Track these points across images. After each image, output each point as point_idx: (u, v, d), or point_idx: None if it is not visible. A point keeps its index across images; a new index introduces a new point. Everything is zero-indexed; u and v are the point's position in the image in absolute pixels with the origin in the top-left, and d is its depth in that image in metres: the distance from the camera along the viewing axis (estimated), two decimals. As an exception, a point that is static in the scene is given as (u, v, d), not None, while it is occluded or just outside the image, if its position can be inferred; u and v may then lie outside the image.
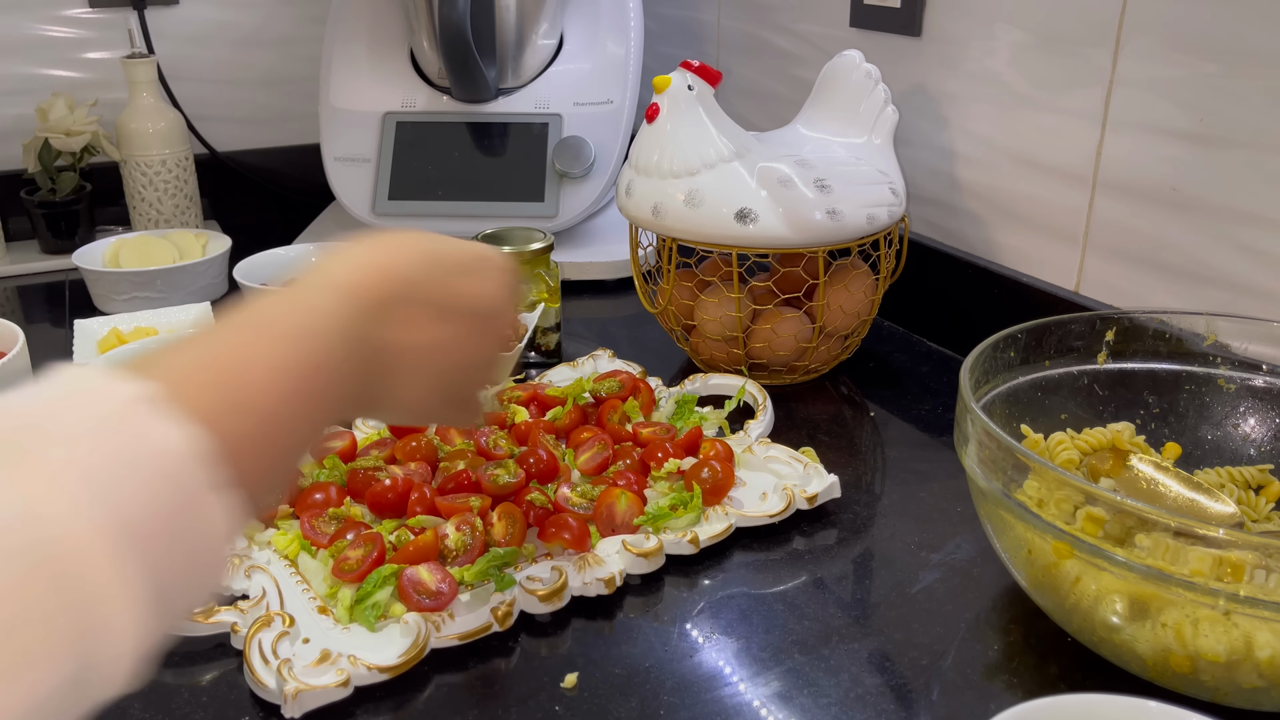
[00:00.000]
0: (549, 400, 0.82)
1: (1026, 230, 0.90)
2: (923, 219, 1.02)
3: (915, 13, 0.97)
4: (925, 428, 0.85)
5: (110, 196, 1.28)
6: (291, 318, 0.40)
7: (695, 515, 0.69)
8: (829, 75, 0.91)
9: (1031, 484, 0.56)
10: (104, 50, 1.32)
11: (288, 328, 0.40)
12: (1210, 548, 0.48)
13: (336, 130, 1.17)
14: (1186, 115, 0.75)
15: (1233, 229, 0.74)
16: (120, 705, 0.55)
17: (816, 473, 0.74)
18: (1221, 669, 0.51)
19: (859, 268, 0.91)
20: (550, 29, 1.20)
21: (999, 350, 0.66)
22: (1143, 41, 0.77)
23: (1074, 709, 0.45)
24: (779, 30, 1.18)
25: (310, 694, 0.53)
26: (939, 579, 0.65)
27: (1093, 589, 0.53)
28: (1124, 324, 0.69)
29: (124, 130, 1.21)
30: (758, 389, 0.86)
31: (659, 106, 0.85)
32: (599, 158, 1.14)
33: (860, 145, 0.90)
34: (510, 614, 0.61)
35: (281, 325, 0.40)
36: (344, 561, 0.62)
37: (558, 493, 0.70)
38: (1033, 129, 0.87)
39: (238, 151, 1.42)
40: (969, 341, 0.67)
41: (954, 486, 0.75)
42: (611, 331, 1.05)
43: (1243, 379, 0.68)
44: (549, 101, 1.18)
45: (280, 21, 1.41)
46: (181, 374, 0.34)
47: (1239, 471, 0.66)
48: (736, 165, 0.83)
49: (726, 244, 0.84)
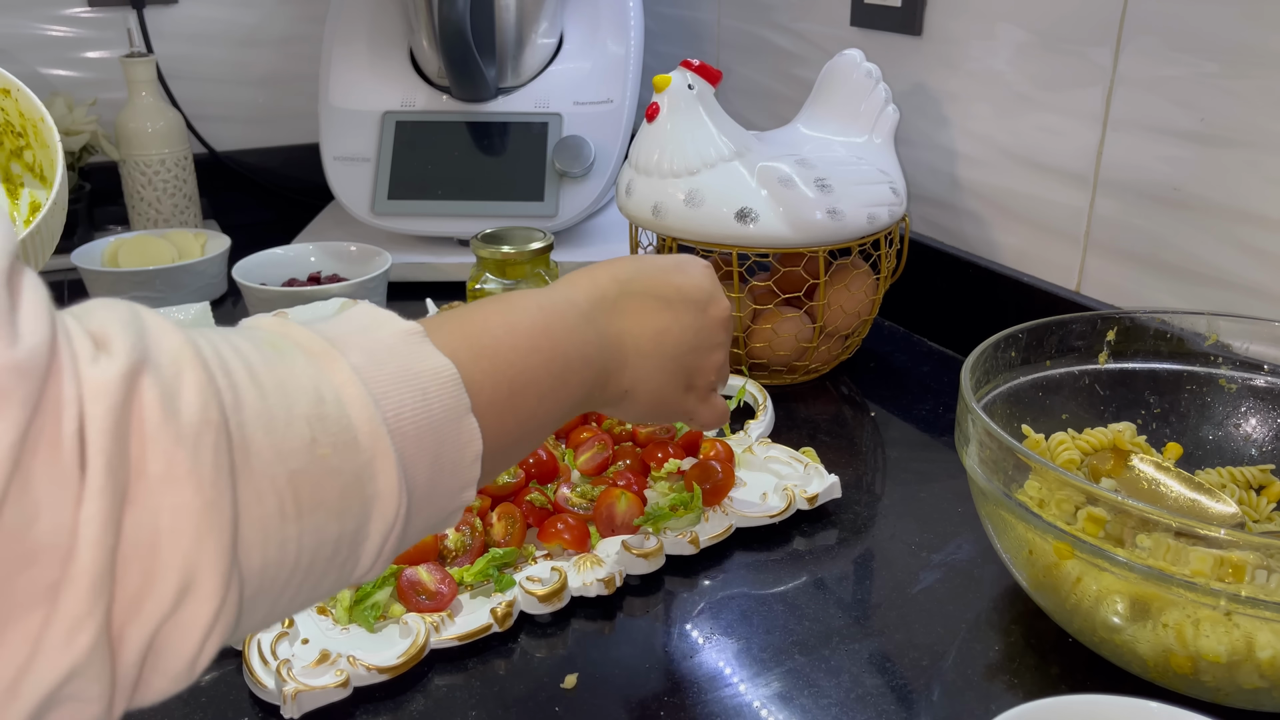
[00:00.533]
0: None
1: (1027, 230, 0.90)
2: (923, 219, 1.02)
3: (916, 12, 0.96)
4: (926, 428, 0.85)
5: (109, 196, 1.28)
6: (534, 297, 0.47)
7: (695, 515, 0.68)
8: (829, 74, 0.91)
9: (1032, 484, 0.56)
10: (103, 50, 1.32)
11: (531, 300, 0.47)
12: (1211, 548, 0.48)
13: (336, 130, 1.17)
14: (1187, 115, 0.75)
15: (1233, 229, 0.74)
16: (119, 706, 0.55)
17: (817, 473, 0.73)
18: (1222, 669, 0.51)
19: (859, 267, 0.91)
20: (550, 28, 1.20)
21: (1000, 350, 0.66)
22: (1143, 41, 0.77)
23: (1076, 710, 0.45)
24: (779, 29, 1.18)
25: (309, 694, 0.53)
26: (940, 579, 0.65)
27: (1094, 589, 0.53)
28: (1125, 324, 0.69)
29: (123, 130, 1.21)
30: (758, 389, 0.86)
31: (659, 106, 0.85)
32: (599, 157, 1.14)
33: (861, 145, 0.90)
34: (510, 614, 0.61)
35: (525, 299, 0.47)
36: (343, 562, 0.62)
37: (557, 493, 0.70)
38: (1033, 129, 0.87)
39: (237, 151, 1.42)
40: (969, 341, 0.67)
41: (954, 486, 0.75)
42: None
43: (1244, 379, 0.68)
44: (549, 101, 1.17)
45: (280, 21, 1.41)
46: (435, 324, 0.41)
47: (1240, 472, 0.66)
48: (737, 165, 0.83)
49: (727, 244, 0.84)
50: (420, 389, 0.37)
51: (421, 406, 0.37)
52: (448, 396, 0.38)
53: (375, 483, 0.35)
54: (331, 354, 0.35)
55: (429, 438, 0.37)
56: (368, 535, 0.35)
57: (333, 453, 0.33)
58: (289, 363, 0.34)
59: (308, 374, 0.34)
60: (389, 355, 0.37)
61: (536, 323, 0.45)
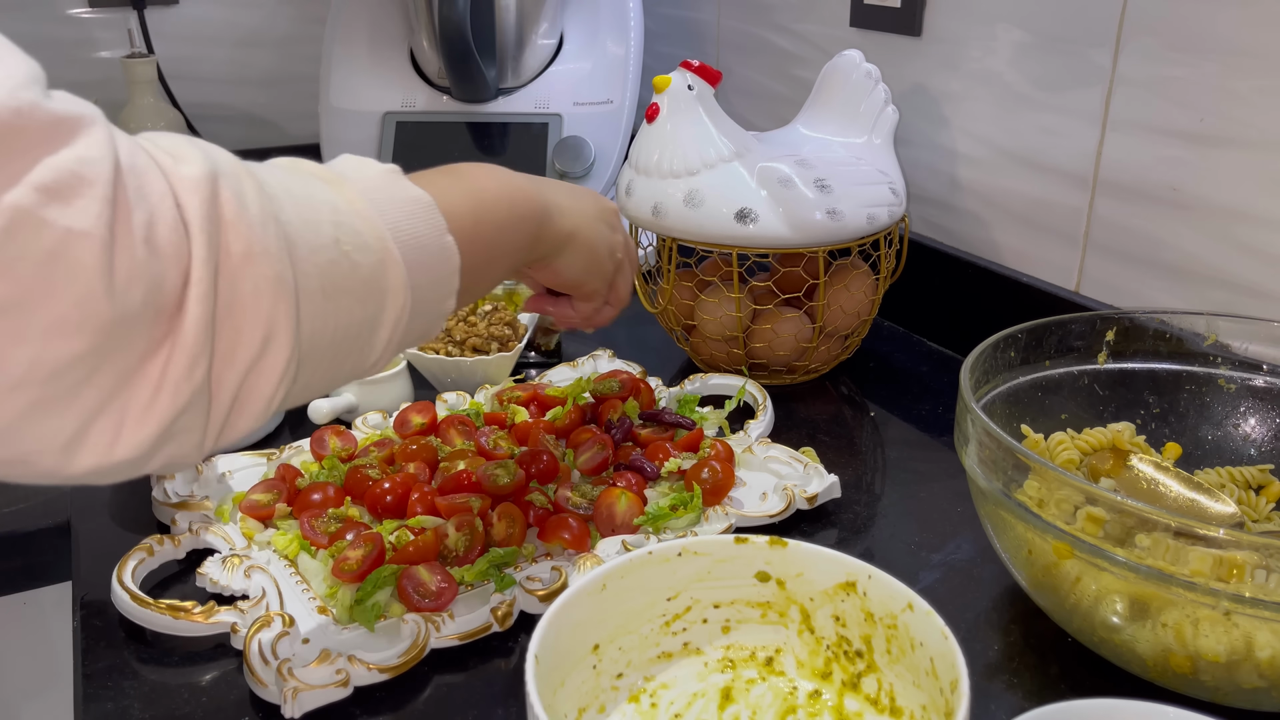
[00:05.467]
0: (549, 400, 0.82)
1: (1026, 230, 0.90)
2: (923, 219, 1.02)
3: (915, 12, 0.97)
4: (925, 428, 0.85)
5: (110, 196, 1.28)
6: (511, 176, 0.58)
7: (695, 515, 0.68)
8: (829, 75, 0.91)
9: (1032, 484, 0.56)
10: (104, 50, 1.32)
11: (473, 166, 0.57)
12: (1211, 548, 0.48)
13: (336, 130, 1.17)
14: (1186, 115, 0.75)
15: (1233, 229, 0.74)
16: (120, 705, 0.55)
17: (816, 473, 0.74)
18: (1222, 669, 0.51)
19: (859, 268, 0.91)
20: (550, 29, 1.20)
21: (999, 350, 0.66)
22: (1143, 41, 0.77)
23: (1087, 714, 0.45)
24: (779, 30, 1.18)
25: (310, 694, 0.53)
26: (939, 579, 0.65)
27: (1093, 589, 0.53)
28: (1124, 324, 0.69)
29: (124, 130, 1.21)
30: (758, 389, 0.86)
31: (659, 106, 0.85)
32: (599, 158, 1.14)
33: (860, 145, 0.90)
34: (510, 614, 0.61)
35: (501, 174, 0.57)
36: (344, 562, 0.62)
37: (558, 493, 0.70)
38: (1033, 129, 0.87)
39: (237, 151, 1.41)
40: (969, 341, 0.67)
41: (954, 486, 0.75)
42: (611, 331, 1.05)
43: (1243, 379, 0.68)
44: (549, 101, 1.18)
45: (280, 21, 1.41)
46: (408, 174, 0.49)
47: (1239, 471, 0.66)
48: (736, 165, 0.83)
49: (726, 244, 0.84)
50: (409, 211, 0.46)
51: (411, 224, 0.45)
52: (430, 217, 0.47)
53: (386, 277, 0.43)
54: (340, 179, 0.44)
55: (419, 249, 0.45)
56: (381, 323, 0.44)
57: (353, 250, 0.42)
58: (307, 184, 0.42)
59: (324, 192, 0.43)
60: (381, 184, 0.46)
61: (489, 172, 0.56)
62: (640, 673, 0.54)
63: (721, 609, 0.55)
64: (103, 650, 0.59)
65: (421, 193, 0.47)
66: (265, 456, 0.76)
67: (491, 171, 0.57)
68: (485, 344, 0.88)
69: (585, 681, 0.52)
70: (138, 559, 0.63)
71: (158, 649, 0.59)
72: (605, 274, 0.67)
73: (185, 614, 0.59)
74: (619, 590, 0.52)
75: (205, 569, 0.63)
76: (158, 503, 0.70)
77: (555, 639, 0.48)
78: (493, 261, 0.54)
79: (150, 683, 0.57)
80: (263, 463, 0.75)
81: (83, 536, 0.69)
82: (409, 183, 0.48)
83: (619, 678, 0.53)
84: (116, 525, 0.70)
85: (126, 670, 0.58)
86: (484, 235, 0.52)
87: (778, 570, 0.54)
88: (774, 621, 0.55)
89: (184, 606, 0.59)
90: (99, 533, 0.70)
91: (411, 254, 0.45)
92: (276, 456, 0.75)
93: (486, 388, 0.85)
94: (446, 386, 0.88)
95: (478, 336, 0.88)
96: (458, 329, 0.89)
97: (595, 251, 0.64)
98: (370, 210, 0.43)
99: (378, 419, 0.81)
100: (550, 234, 0.60)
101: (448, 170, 0.55)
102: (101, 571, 0.63)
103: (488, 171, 0.56)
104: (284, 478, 0.71)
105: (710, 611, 0.55)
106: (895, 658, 0.51)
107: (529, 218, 0.57)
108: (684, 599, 0.55)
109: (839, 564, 0.53)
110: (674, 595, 0.54)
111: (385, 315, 0.44)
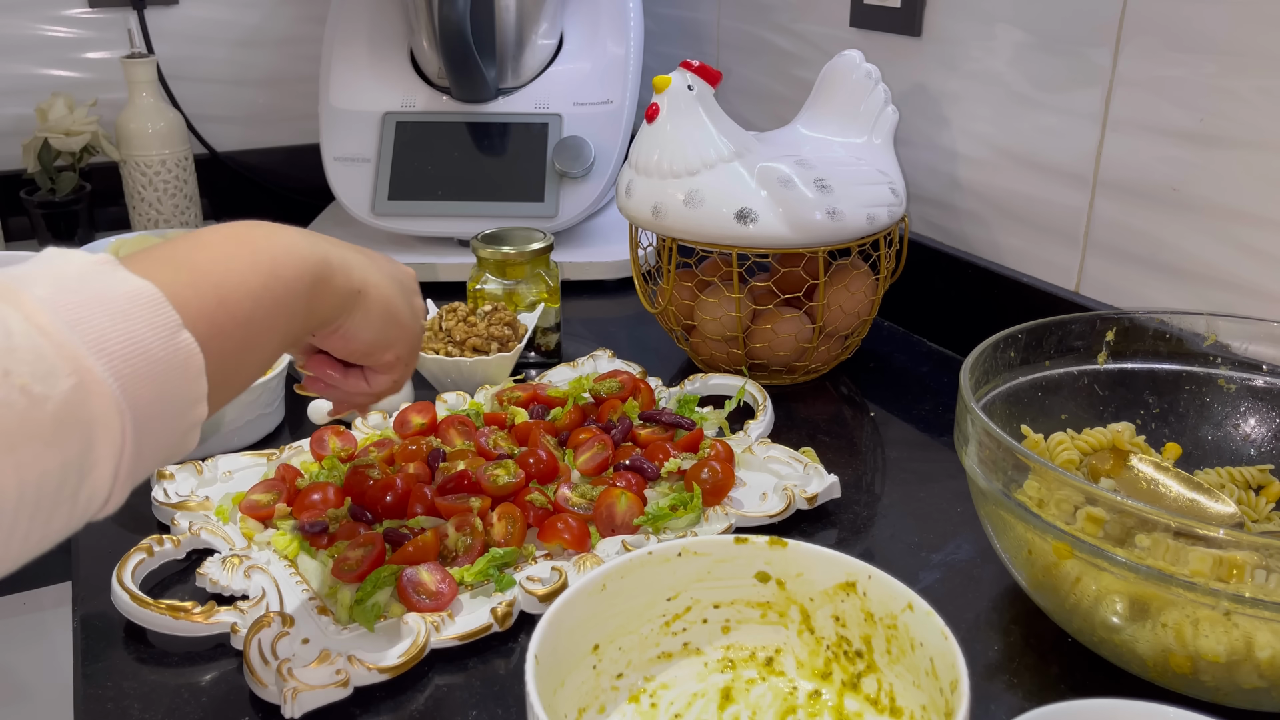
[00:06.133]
0: (549, 400, 0.82)
1: (1027, 230, 0.90)
2: (923, 219, 1.02)
3: (915, 12, 0.97)
4: (925, 428, 0.85)
5: (110, 196, 1.28)
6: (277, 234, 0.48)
7: (695, 515, 0.68)
8: (829, 75, 0.91)
9: (1031, 484, 0.56)
10: (104, 50, 1.32)
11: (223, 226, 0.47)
12: (1210, 548, 0.48)
13: (336, 130, 1.17)
14: (1186, 115, 0.75)
15: (1233, 229, 0.74)
16: (120, 706, 0.55)
17: (816, 473, 0.74)
18: (1222, 669, 0.51)
19: (859, 268, 0.91)
20: (550, 29, 1.20)
21: (999, 350, 0.66)
22: (1142, 41, 0.77)
23: (1087, 714, 0.45)
24: (779, 30, 1.18)
25: (310, 694, 0.53)
26: (939, 579, 0.65)
27: (1093, 589, 0.53)
28: (1124, 324, 0.69)
29: (124, 130, 1.21)
30: (758, 389, 0.86)
31: (659, 106, 0.85)
32: (599, 158, 1.14)
33: (860, 145, 0.90)
34: (510, 614, 0.61)
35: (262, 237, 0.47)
36: (344, 562, 0.62)
37: (558, 493, 0.70)
38: (1033, 129, 0.87)
39: (237, 151, 1.42)
40: (969, 341, 0.67)
41: (954, 486, 0.75)
42: (611, 331, 1.05)
43: (1243, 379, 0.68)
44: (549, 101, 1.18)
45: (280, 21, 1.41)
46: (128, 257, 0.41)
47: (1239, 472, 0.66)
48: (736, 165, 0.83)
49: (726, 244, 0.84)
50: (120, 311, 0.37)
51: (125, 327, 0.37)
52: (152, 314, 0.38)
53: (89, 406, 0.35)
54: (14, 290, 0.35)
55: (138, 359, 0.37)
56: (93, 462, 0.36)
57: (33, 381, 0.33)
58: None
59: None
60: (80, 283, 0.37)
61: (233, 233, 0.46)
62: (640, 673, 0.54)
63: (721, 609, 0.55)
64: (103, 650, 0.59)
65: (142, 284, 0.38)
66: (265, 457, 0.76)
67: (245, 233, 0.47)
68: (485, 344, 0.88)
69: (585, 682, 0.52)
70: (138, 559, 0.63)
71: (158, 649, 0.59)
72: (408, 338, 0.58)
73: (185, 614, 0.59)
74: (619, 590, 0.52)
75: (205, 569, 0.63)
76: (158, 503, 0.70)
77: (555, 639, 0.48)
78: (253, 345, 0.45)
79: (150, 683, 0.57)
80: (263, 463, 0.75)
81: (83, 536, 0.69)
82: (126, 273, 0.38)
83: (619, 678, 0.53)
84: (116, 525, 0.70)
85: (126, 670, 0.58)
86: (237, 316, 0.43)
87: (778, 570, 0.54)
88: (774, 622, 0.55)
89: (184, 606, 0.59)
90: (99, 533, 0.70)
91: (126, 367, 0.36)
92: (276, 456, 0.75)
93: (486, 388, 0.85)
94: (446, 387, 0.88)
95: (478, 337, 0.88)
96: (458, 329, 0.89)
97: (391, 310, 0.55)
98: (56, 324, 0.35)
99: (378, 419, 0.81)
100: (332, 292, 0.51)
101: (189, 240, 0.45)
102: (101, 571, 0.63)
103: (239, 234, 0.46)
104: (284, 478, 0.71)
105: (710, 612, 0.55)
106: (895, 658, 0.51)
107: (300, 278, 0.48)
108: (684, 599, 0.55)
109: (839, 564, 0.53)
110: (674, 595, 0.54)
111: (96, 452, 0.35)
